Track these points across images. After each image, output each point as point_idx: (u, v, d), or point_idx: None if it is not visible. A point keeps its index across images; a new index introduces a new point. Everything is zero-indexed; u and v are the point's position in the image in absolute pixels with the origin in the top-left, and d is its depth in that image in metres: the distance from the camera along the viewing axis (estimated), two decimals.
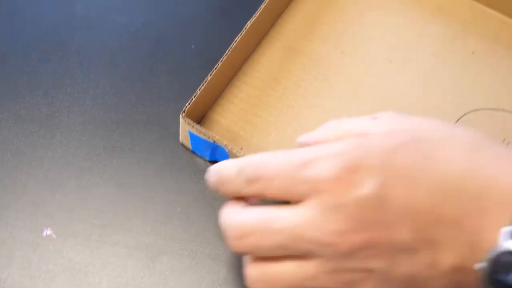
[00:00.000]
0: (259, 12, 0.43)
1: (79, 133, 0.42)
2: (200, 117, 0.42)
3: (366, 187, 0.27)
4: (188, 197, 0.40)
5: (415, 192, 0.27)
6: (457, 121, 0.43)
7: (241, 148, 0.41)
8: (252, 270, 0.30)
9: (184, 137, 0.41)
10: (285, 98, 0.43)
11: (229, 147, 0.38)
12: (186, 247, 0.38)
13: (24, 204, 0.39)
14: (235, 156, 0.37)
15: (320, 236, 0.27)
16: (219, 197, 0.35)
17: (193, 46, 0.46)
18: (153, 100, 0.44)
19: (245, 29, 0.42)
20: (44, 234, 0.38)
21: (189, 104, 0.39)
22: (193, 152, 0.41)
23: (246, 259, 0.30)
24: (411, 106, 0.44)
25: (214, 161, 0.41)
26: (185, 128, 0.39)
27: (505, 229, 0.25)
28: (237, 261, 0.38)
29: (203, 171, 0.40)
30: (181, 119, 0.39)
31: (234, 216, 0.30)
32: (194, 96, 0.39)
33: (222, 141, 0.38)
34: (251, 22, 0.42)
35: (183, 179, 0.41)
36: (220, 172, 0.32)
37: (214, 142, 0.38)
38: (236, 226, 0.30)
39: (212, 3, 0.48)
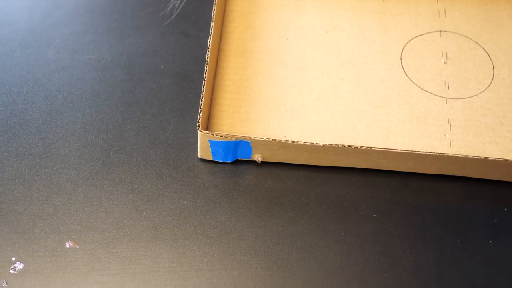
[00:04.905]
0: (212, 31, 0.49)
1: (78, 157, 0.47)
2: (206, 128, 0.47)
3: None
4: (189, 189, 0.45)
5: None
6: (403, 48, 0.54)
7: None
8: None
9: (203, 150, 0.46)
10: (264, 90, 0.50)
11: (252, 137, 0.44)
12: (199, 230, 0.44)
13: (42, 226, 0.43)
14: (257, 143, 0.44)
15: None
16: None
17: (162, 67, 0.52)
18: (137, 117, 0.49)
19: (209, 46, 0.48)
20: (67, 246, 0.42)
21: (199, 119, 0.44)
22: (214, 161, 0.47)
23: None
24: (360, 53, 0.54)
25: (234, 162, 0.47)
26: (205, 139, 0.44)
27: None
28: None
29: (192, 161, 0.46)
30: (199, 133, 0.44)
31: None
32: (200, 112, 0.44)
33: (244, 135, 0.43)
34: (211, 39, 0.48)
35: (181, 176, 0.46)
36: None
37: (236, 139, 0.44)
38: None
39: (170, 28, 0.55)
